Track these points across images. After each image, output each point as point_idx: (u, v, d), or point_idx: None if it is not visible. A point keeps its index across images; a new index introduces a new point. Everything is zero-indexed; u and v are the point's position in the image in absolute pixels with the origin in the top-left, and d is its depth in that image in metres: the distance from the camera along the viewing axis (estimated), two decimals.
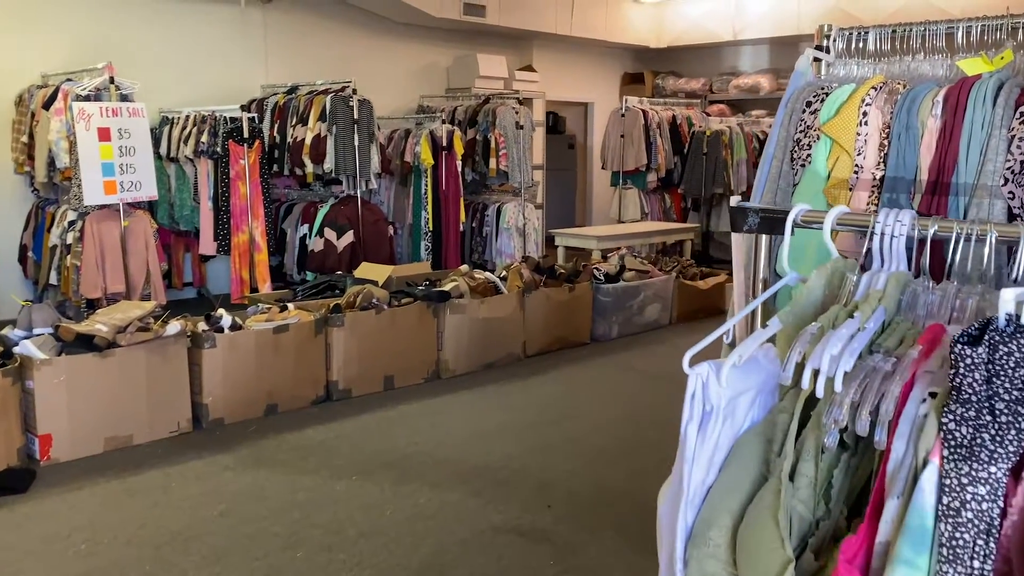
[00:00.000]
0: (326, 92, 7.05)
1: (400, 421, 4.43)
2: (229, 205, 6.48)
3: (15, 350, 3.85)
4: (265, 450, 4.03)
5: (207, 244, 6.65)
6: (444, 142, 7.82)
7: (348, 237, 6.92)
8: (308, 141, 6.88)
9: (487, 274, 5.59)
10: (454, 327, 5.21)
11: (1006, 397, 0.90)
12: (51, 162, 6.04)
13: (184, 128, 6.78)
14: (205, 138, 6.54)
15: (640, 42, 10.80)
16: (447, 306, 5.17)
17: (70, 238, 5.95)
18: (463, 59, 9.46)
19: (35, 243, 6.53)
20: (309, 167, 6.94)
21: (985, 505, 0.88)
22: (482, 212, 8.44)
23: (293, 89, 7.46)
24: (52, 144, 5.91)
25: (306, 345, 4.64)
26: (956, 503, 0.89)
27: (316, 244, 6.99)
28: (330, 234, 6.92)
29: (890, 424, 0.98)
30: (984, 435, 0.90)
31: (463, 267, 5.69)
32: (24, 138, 6.40)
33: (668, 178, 9.39)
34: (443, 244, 8.00)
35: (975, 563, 0.89)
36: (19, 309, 4.20)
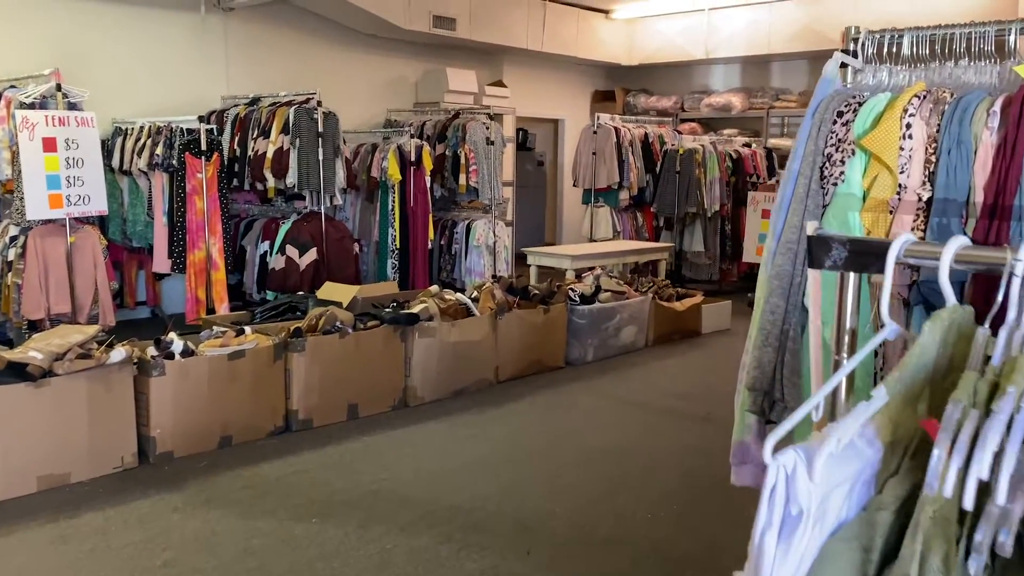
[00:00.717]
0: (289, 104, 6.76)
1: (365, 454, 4.13)
2: (185, 221, 6.14)
3: None
4: (217, 488, 3.71)
5: (161, 262, 6.29)
6: (412, 157, 7.55)
7: (311, 255, 6.61)
8: (270, 154, 6.58)
9: (458, 295, 5.32)
10: (423, 352, 4.93)
11: None
12: None
13: (138, 139, 6.43)
14: (160, 150, 6.20)
15: (611, 59, 10.66)
16: (415, 329, 4.89)
17: (11, 255, 5.57)
18: (432, 73, 9.22)
19: None
20: (271, 181, 6.63)
21: None
22: (451, 229, 8.18)
23: (255, 100, 7.15)
24: None
25: (264, 372, 4.32)
26: None
27: (277, 262, 6.67)
28: (292, 252, 6.61)
29: None
30: None
31: (433, 288, 5.42)
32: None
33: (640, 196, 9.21)
34: (411, 262, 7.72)
35: None
36: None
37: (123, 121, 6.75)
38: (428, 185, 7.69)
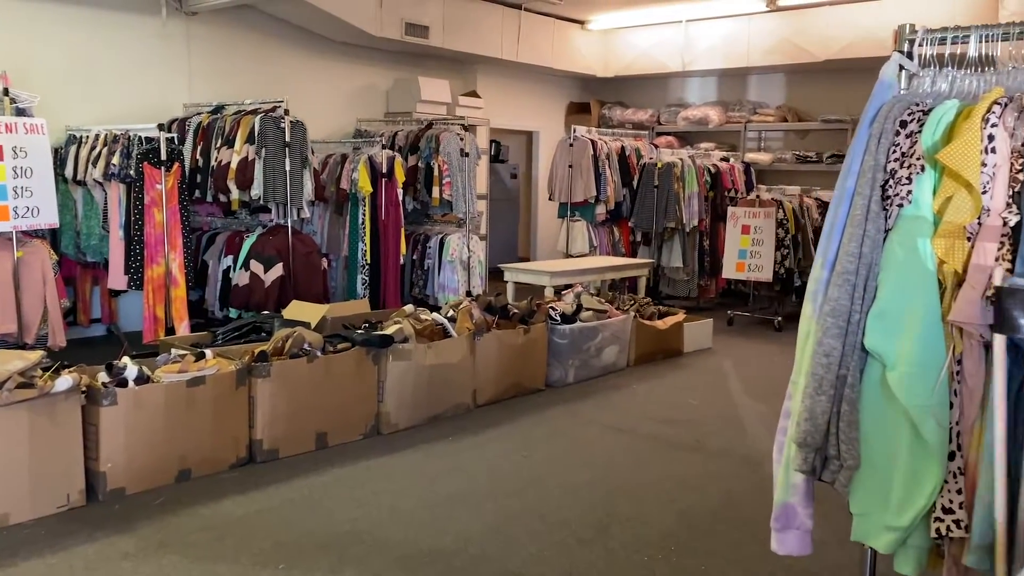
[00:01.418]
0: (255, 112, 6.44)
1: (336, 489, 3.83)
2: (143, 234, 5.78)
3: None
4: (173, 529, 3.39)
5: (116, 278, 5.93)
6: (384, 168, 7.27)
7: (277, 270, 6.29)
8: (234, 165, 6.25)
9: (434, 315, 5.04)
10: (397, 376, 4.64)
11: None
12: None
13: (93, 148, 6.08)
14: (117, 159, 5.85)
15: (587, 70, 10.47)
16: (390, 352, 4.60)
17: None
18: (403, 82, 8.95)
19: None
20: (234, 193, 6.30)
21: None
22: (424, 244, 7.91)
23: (219, 108, 6.82)
24: None
25: (226, 399, 4.01)
26: None
27: (241, 278, 6.33)
28: (257, 267, 6.28)
29: None
30: None
31: (408, 307, 5.13)
32: None
33: (617, 211, 9.01)
34: (382, 278, 7.42)
35: None
36: None
37: (77, 128, 6.39)
38: (400, 198, 7.41)
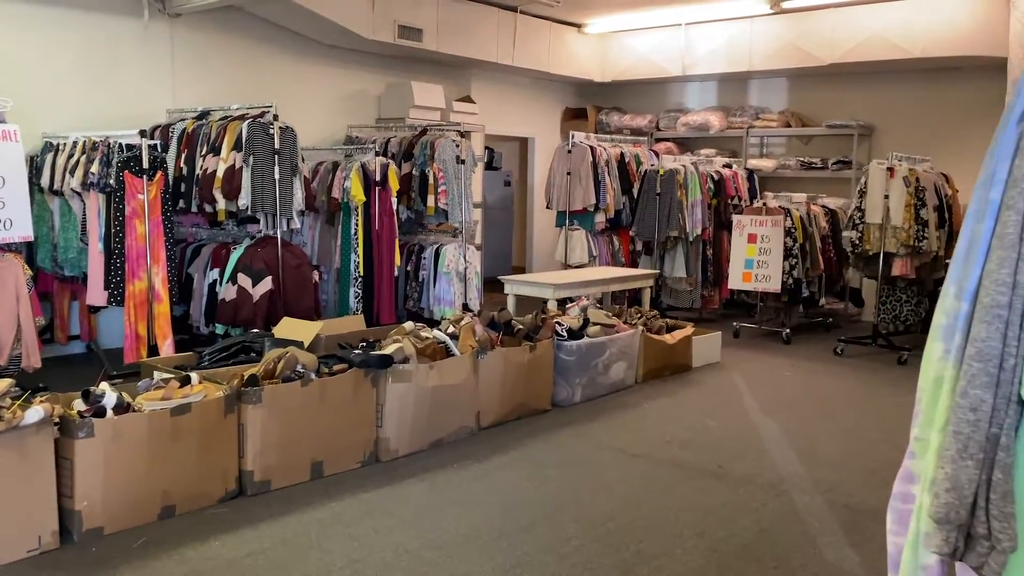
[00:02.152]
0: (242, 118, 6.14)
1: (333, 527, 3.51)
2: (123, 247, 5.46)
3: None
4: (156, 575, 3.06)
5: (96, 293, 5.59)
6: (377, 176, 6.97)
7: (266, 284, 5.98)
8: (220, 173, 5.94)
9: (435, 332, 4.74)
10: (397, 398, 4.33)
11: None
12: None
13: (71, 156, 5.75)
14: (96, 168, 5.52)
15: (584, 75, 10.21)
16: (389, 373, 4.29)
17: None
18: (396, 87, 8.66)
19: None
20: (221, 203, 5.99)
21: None
22: (418, 255, 7.60)
23: (204, 114, 6.52)
24: None
25: (213, 428, 3.69)
26: None
27: (228, 292, 6.02)
28: (244, 280, 5.97)
29: None
30: None
31: (408, 324, 4.83)
32: None
33: (616, 219, 8.75)
34: (375, 291, 7.12)
35: None
36: None
37: (54, 135, 6.05)
38: (395, 207, 7.11)
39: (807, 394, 5.89)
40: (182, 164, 6.26)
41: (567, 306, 5.97)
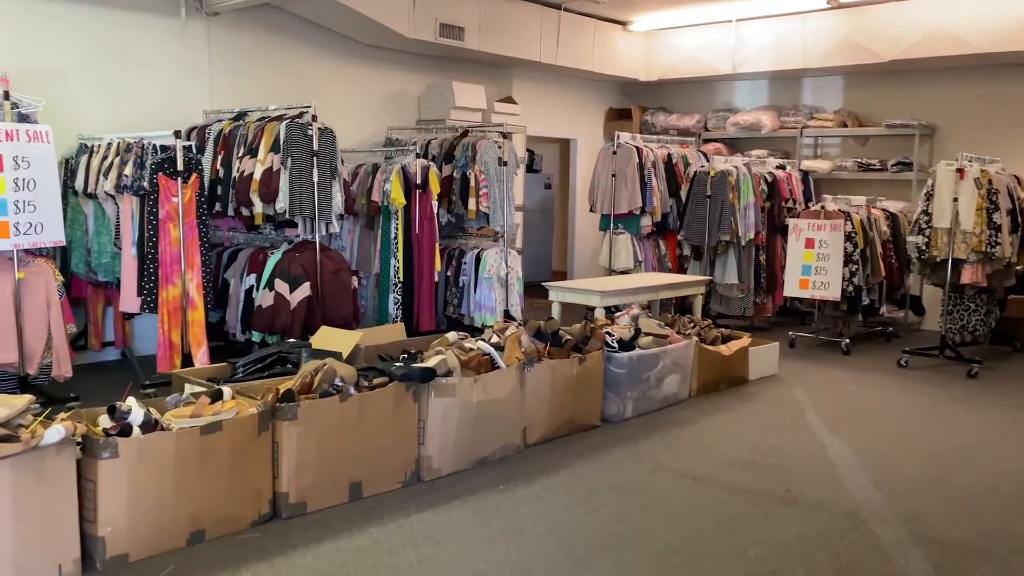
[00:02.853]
0: (280, 118, 5.93)
1: (374, 556, 3.25)
2: (157, 252, 5.27)
3: None
4: None
5: (129, 300, 5.42)
6: (418, 179, 6.74)
7: (304, 290, 5.76)
8: (257, 176, 5.74)
9: (480, 343, 4.47)
10: (440, 414, 4.07)
11: None
12: None
13: (105, 158, 5.58)
14: (129, 170, 5.35)
15: (629, 74, 9.89)
16: (431, 387, 4.03)
17: None
18: (436, 88, 8.42)
19: None
20: (258, 206, 5.79)
21: None
22: (458, 259, 7.35)
23: (241, 115, 6.33)
24: None
25: (246, 447, 3.45)
26: None
27: (265, 298, 5.81)
28: (282, 286, 5.76)
29: None
30: None
31: (451, 335, 4.57)
32: None
33: (663, 222, 8.42)
34: (415, 297, 6.88)
35: None
36: None
37: (90, 137, 5.90)
38: (435, 210, 6.87)
39: (873, 410, 5.51)
40: (218, 166, 6.08)
41: (615, 315, 5.66)
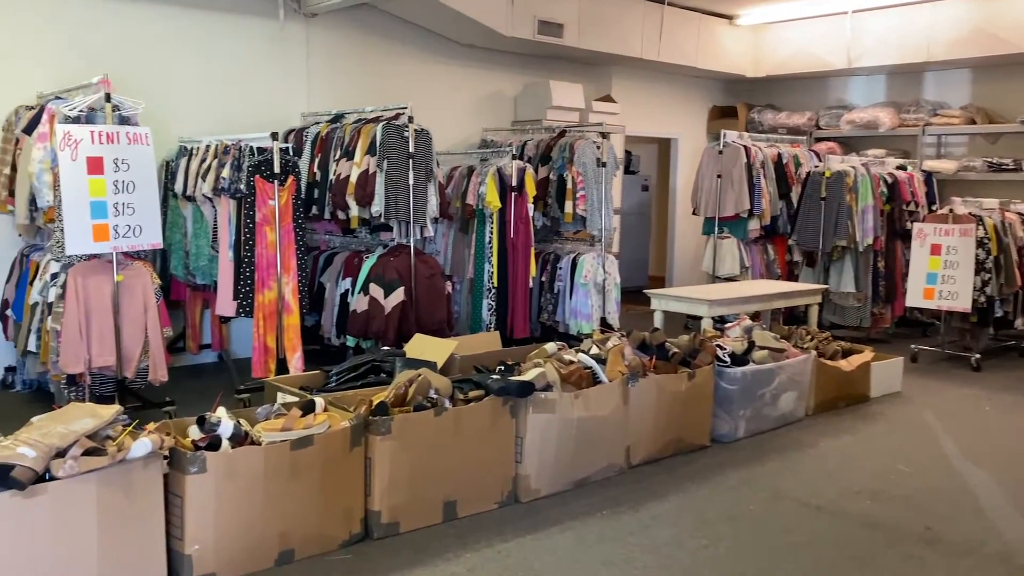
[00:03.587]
0: (376, 120, 5.81)
1: None
2: (253, 255, 5.20)
3: None
4: None
5: (225, 303, 5.37)
6: (513, 181, 6.51)
7: (398, 295, 5.62)
8: (353, 179, 5.63)
9: (581, 356, 4.19)
10: (539, 431, 3.82)
11: None
12: (33, 199, 4.85)
13: (203, 160, 5.56)
14: (227, 172, 5.30)
15: (734, 70, 9.44)
16: (530, 402, 3.78)
17: (52, 295, 4.72)
18: (533, 87, 8.20)
19: (17, 298, 5.33)
20: (354, 210, 5.68)
21: None
22: (554, 264, 7.08)
23: (338, 117, 6.25)
24: (33, 177, 4.72)
25: (337, 463, 3.28)
26: None
27: (360, 303, 5.69)
28: (376, 291, 5.62)
29: None
30: None
31: (549, 346, 4.31)
32: (7, 169, 5.23)
33: (771, 226, 7.96)
34: (509, 303, 6.65)
35: None
36: None
37: (190, 140, 5.91)
38: (531, 213, 6.63)
39: (1014, 435, 4.98)
40: (315, 169, 6.00)
41: (726, 326, 5.29)
